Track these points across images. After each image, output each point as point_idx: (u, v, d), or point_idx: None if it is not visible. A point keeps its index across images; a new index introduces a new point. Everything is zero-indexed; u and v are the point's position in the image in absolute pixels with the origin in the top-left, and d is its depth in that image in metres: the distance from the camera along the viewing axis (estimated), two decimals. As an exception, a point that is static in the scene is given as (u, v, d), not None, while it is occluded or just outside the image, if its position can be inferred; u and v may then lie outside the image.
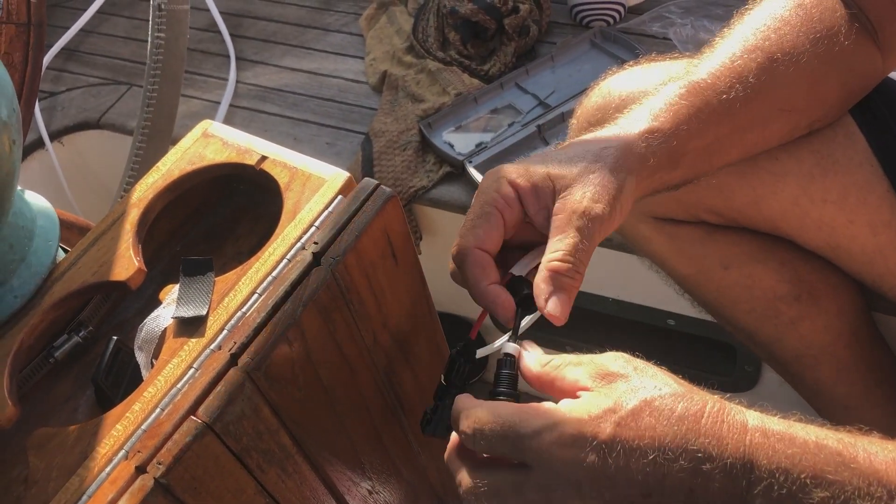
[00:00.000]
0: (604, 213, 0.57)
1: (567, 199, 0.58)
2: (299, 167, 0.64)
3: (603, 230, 0.58)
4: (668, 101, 0.64)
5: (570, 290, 0.56)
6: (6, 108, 0.54)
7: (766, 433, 0.46)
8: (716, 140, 0.67)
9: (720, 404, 0.48)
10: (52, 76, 1.66)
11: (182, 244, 0.71)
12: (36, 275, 0.60)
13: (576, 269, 0.56)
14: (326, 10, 1.72)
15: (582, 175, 0.58)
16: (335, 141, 1.42)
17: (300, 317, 0.55)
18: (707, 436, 0.46)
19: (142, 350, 0.56)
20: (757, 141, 0.71)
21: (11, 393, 0.55)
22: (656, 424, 0.46)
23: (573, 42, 1.43)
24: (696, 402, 0.47)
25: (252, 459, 0.54)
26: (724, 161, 0.70)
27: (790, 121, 0.72)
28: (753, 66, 0.67)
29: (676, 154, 0.64)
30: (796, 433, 0.47)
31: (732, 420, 0.47)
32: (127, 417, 0.51)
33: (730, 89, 0.66)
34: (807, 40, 0.68)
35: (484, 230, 0.58)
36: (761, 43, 0.68)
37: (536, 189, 0.59)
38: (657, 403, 0.47)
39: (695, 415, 0.47)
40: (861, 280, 0.84)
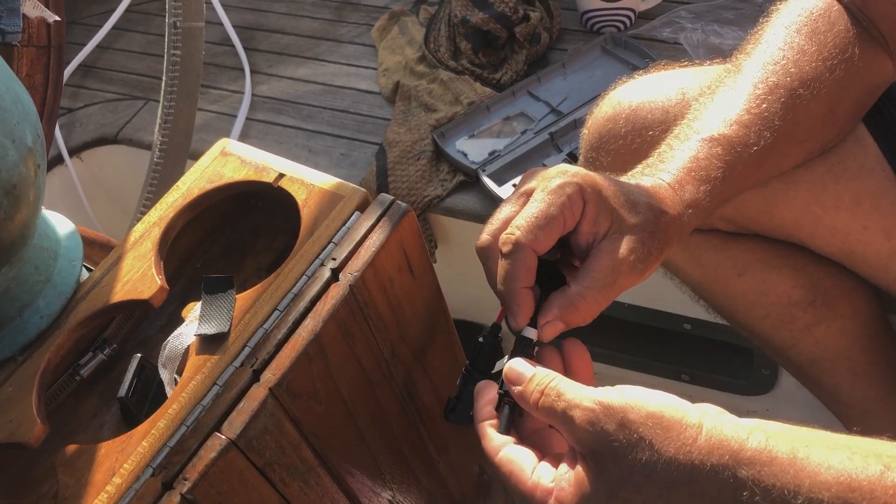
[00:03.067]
0: (638, 272, 0.58)
1: (619, 243, 0.58)
2: (316, 184, 0.65)
3: (627, 286, 0.59)
4: (707, 167, 0.64)
5: (571, 324, 0.58)
6: (31, 134, 0.55)
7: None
8: (737, 191, 0.67)
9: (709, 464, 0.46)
10: (70, 92, 1.69)
11: (202, 261, 0.72)
12: (61, 295, 0.61)
13: (592, 314, 0.58)
14: (339, 22, 1.74)
15: (638, 229, 0.58)
16: (350, 152, 1.44)
17: (320, 332, 0.56)
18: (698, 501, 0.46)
19: (166, 367, 0.58)
20: (771, 172, 0.71)
21: (40, 411, 0.56)
22: (649, 500, 0.47)
23: (584, 49, 1.43)
24: (681, 473, 0.46)
25: (275, 473, 0.55)
26: (741, 191, 0.70)
27: (805, 150, 0.72)
28: (778, 108, 0.67)
29: (708, 217, 0.65)
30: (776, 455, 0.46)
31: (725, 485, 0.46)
32: (153, 434, 0.53)
33: (759, 139, 0.66)
34: (825, 69, 0.68)
35: (545, 233, 0.57)
36: (782, 79, 0.68)
37: (599, 213, 0.58)
38: (644, 490, 0.47)
39: (685, 488, 0.46)
40: (876, 284, 0.84)
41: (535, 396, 0.52)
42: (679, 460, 0.46)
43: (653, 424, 0.47)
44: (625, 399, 0.48)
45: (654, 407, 0.47)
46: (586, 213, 0.58)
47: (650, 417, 0.47)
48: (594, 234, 0.58)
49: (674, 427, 0.47)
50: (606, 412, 0.48)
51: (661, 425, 0.47)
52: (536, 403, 0.52)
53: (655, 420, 0.47)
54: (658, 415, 0.47)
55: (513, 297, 0.57)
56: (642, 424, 0.47)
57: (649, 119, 0.78)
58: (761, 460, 0.45)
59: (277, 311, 0.57)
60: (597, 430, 0.48)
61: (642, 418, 0.47)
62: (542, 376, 0.53)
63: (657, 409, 0.47)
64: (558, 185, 0.57)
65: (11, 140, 0.53)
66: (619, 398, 0.48)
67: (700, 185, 0.63)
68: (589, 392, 0.50)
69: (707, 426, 0.46)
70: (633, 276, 0.58)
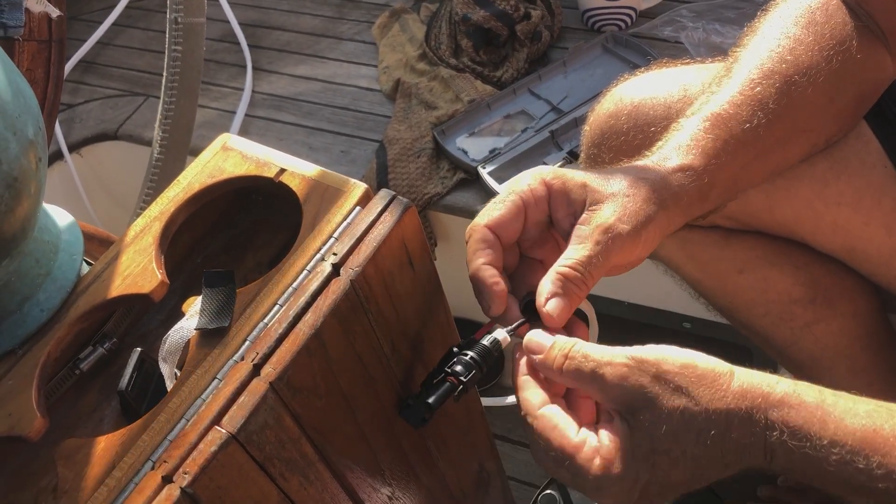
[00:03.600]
0: (627, 235, 0.57)
1: (595, 212, 0.58)
2: (317, 179, 0.65)
3: (623, 252, 0.58)
4: (694, 137, 0.64)
5: (572, 297, 0.56)
6: (32, 127, 0.55)
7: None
8: (741, 168, 0.67)
9: (743, 410, 0.48)
10: (70, 88, 1.69)
11: (203, 256, 0.72)
12: (61, 289, 0.61)
13: (584, 280, 0.56)
14: (340, 19, 1.74)
15: (616, 195, 0.59)
16: (350, 149, 1.44)
17: (321, 327, 0.56)
18: (733, 451, 0.48)
19: (166, 361, 0.58)
20: (779, 163, 0.71)
21: (40, 405, 0.56)
22: (685, 450, 0.49)
23: (585, 47, 1.43)
24: (716, 418, 0.48)
25: (275, 468, 0.55)
26: (751, 185, 0.70)
27: (809, 140, 0.72)
28: (773, 92, 0.67)
29: (705, 189, 0.64)
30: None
31: (756, 427, 0.48)
32: (153, 428, 0.53)
33: (752, 117, 0.66)
34: (822, 58, 0.68)
35: (501, 212, 0.58)
36: (777, 66, 0.68)
37: (569, 195, 0.59)
38: (682, 436, 0.48)
39: (720, 434, 0.48)
40: (877, 282, 0.84)
41: (559, 361, 0.52)
42: (714, 406, 0.48)
43: (688, 373, 0.49)
44: (657, 352, 0.50)
45: (687, 358, 0.49)
46: (553, 199, 0.59)
47: (684, 367, 0.49)
48: (572, 214, 0.59)
49: (707, 375, 0.49)
50: (640, 365, 0.49)
51: (695, 373, 0.49)
52: (561, 368, 0.52)
53: (689, 369, 0.49)
54: (691, 364, 0.49)
55: (474, 274, 0.57)
56: (677, 374, 0.49)
57: (651, 115, 0.78)
58: (790, 402, 0.48)
59: (278, 306, 0.57)
60: (631, 383, 0.49)
61: (677, 368, 0.49)
62: (563, 342, 0.53)
63: (689, 359, 0.49)
64: (517, 178, 0.60)
65: (13, 132, 0.53)
66: (651, 352, 0.50)
67: (688, 152, 0.63)
68: (617, 349, 0.50)
69: (738, 372, 0.49)
70: (624, 240, 0.57)
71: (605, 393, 0.50)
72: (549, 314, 0.56)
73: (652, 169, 0.62)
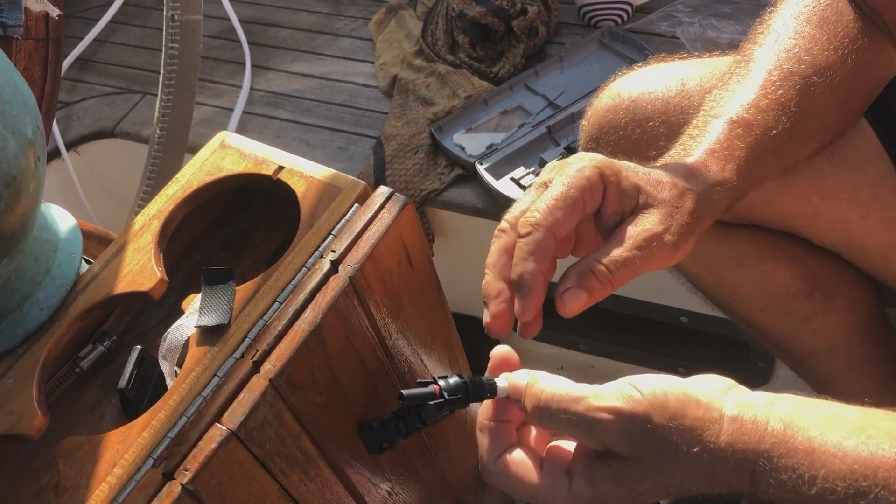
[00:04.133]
0: (670, 246, 0.57)
1: (646, 216, 0.57)
2: (316, 176, 0.65)
3: (660, 262, 0.57)
4: (729, 147, 0.64)
5: (594, 293, 0.55)
6: (31, 126, 0.55)
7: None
8: (760, 171, 0.67)
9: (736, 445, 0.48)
10: (68, 86, 1.69)
11: (202, 253, 0.72)
12: (61, 287, 0.62)
13: (611, 282, 0.55)
14: (336, 16, 1.74)
15: (666, 203, 0.58)
16: (347, 145, 1.44)
17: (320, 324, 0.56)
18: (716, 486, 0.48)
19: (166, 359, 0.58)
20: (790, 163, 0.71)
21: (40, 402, 0.56)
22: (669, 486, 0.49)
23: (582, 42, 1.43)
24: (708, 457, 0.48)
25: (275, 464, 0.55)
26: (764, 181, 0.70)
27: (819, 139, 0.72)
28: (794, 94, 0.67)
29: (736, 200, 0.64)
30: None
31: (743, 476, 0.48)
32: (153, 425, 0.53)
33: (777, 123, 0.66)
34: (837, 57, 0.68)
35: (565, 214, 0.55)
36: (796, 67, 0.67)
37: (623, 193, 0.57)
38: (662, 485, 0.48)
39: (710, 471, 0.48)
40: (874, 275, 0.84)
41: (539, 405, 0.51)
42: (703, 459, 0.47)
43: (676, 426, 0.47)
44: (646, 401, 0.48)
45: (675, 406, 0.48)
46: (608, 194, 0.57)
47: (673, 419, 0.47)
48: (620, 213, 0.58)
49: (696, 427, 0.47)
50: (630, 420, 0.48)
51: (684, 426, 0.47)
52: (544, 410, 0.51)
53: (678, 421, 0.47)
54: (681, 415, 0.48)
55: (526, 278, 0.55)
56: (665, 428, 0.47)
57: (649, 110, 0.78)
58: (779, 452, 0.47)
59: (277, 303, 0.57)
60: (623, 433, 0.48)
61: (666, 421, 0.47)
62: (539, 386, 0.52)
63: (678, 408, 0.48)
64: (577, 170, 0.56)
65: (11, 132, 0.53)
66: (640, 402, 0.48)
67: (725, 163, 0.62)
68: (605, 398, 0.49)
69: (728, 417, 0.48)
70: (665, 250, 0.56)
71: (591, 436, 0.49)
72: (562, 304, 0.55)
73: (696, 180, 0.61)
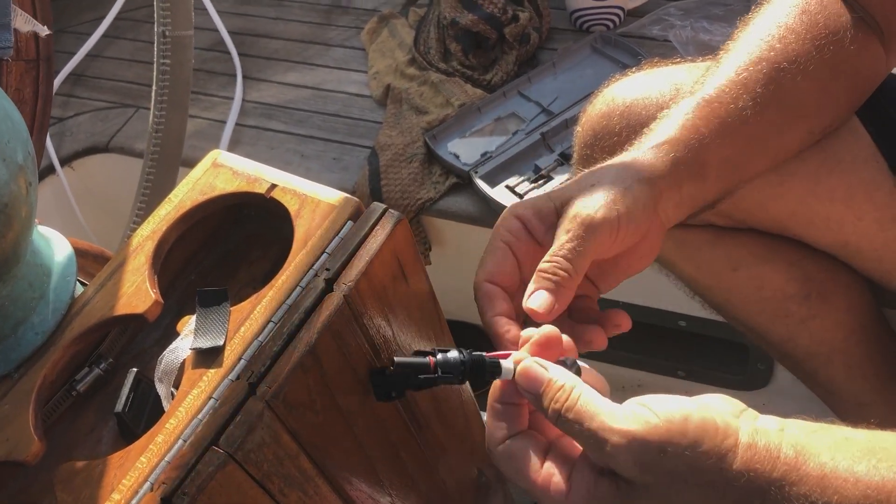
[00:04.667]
0: (597, 216, 0.58)
1: (566, 211, 0.60)
2: (309, 194, 0.65)
3: (602, 234, 0.58)
4: (678, 119, 0.66)
5: (559, 289, 0.57)
6: (21, 152, 0.55)
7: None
8: (736, 151, 0.67)
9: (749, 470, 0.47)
10: (60, 102, 1.69)
11: (196, 273, 0.72)
12: (56, 311, 0.61)
13: (564, 270, 0.57)
14: (328, 26, 1.74)
15: (581, 190, 0.61)
16: (342, 156, 1.44)
17: (315, 343, 0.56)
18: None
19: (162, 382, 0.58)
20: (778, 149, 0.71)
21: (37, 428, 0.56)
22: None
23: (574, 48, 1.44)
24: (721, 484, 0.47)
25: (274, 485, 0.55)
26: (754, 171, 0.70)
27: (806, 127, 0.72)
28: (760, 77, 0.67)
29: (696, 167, 0.64)
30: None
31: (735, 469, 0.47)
32: (150, 449, 0.53)
33: (737, 99, 0.66)
34: (812, 47, 0.69)
35: (491, 263, 0.61)
36: (766, 53, 0.68)
37: (539, 212, 0.61)
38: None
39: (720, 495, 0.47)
40: (870, 276, 0.84)
41: (554, 408, 0.51)
42: (715, 486, 0.46)
43: (692, 454, 0.46)
44: (663, 428, 0.47)
45: (694, 433, 0.47)
46: (529, 224, 0.61)
47: (691, 446, 0.47)
48: (550, 227, 0.61)
49: (713, 455, 0.46)
50: (643, 447, 0.47)
51: (700, 453, 0.46)
52: (557, 415, 0.50)
53: (695, 449, 0.47)
54: (699, 442, 0.47)
55: (488, 327, 0.60)
56: (681, 456, 0.47)
57: (644, 115, 0.78)
58: (791, 479, 0.46)
59: (272, 323, 0.57)
60: (634, 460, 0.47)
61: (682, 449, 0.47)
62: (558, 386, 0.51)
63: (697, 435, 0.47)
64: (496, 224, 0.63)
65: (2, 159, 0.53)
66: (657, 428, 0.47)
67: (668, 129, 0.65)
68: (620, 420, 0.48)
69: (742, 444, 0.47)
70: (603, 225, 0.58)
71: (600, 456, 0.48)
72: (531, 307, 0.57)
73: (625, 157, 0.63)
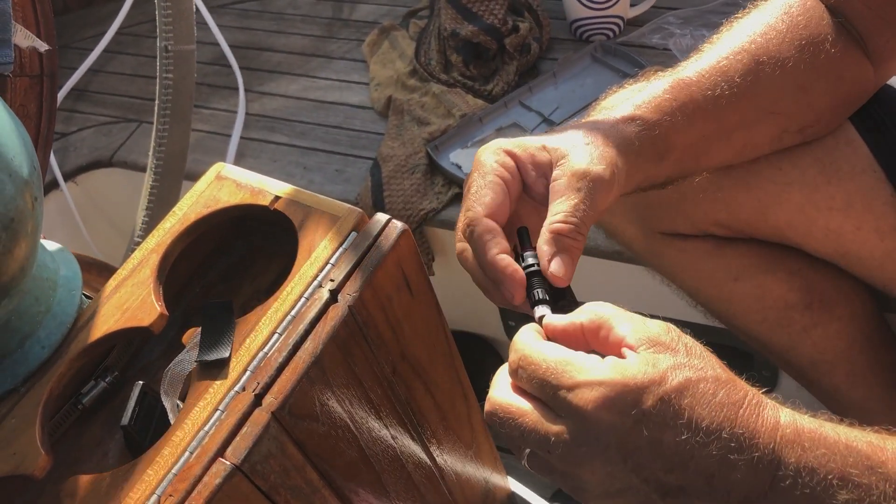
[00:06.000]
0: (606, 175, 0.58)
1: (565, 164, 0.59)
2: (312, 205, 0.65)
3: (606, 193, 0.58)
4: (652, 95, 0.66)
5: (572, 251, 0.56)
6: (27, 167, 0.56)
7: (797, 431, 0.47)
8: (702, 138, 0.68)
9: (758, 398, 0.48)
10: (63, 117, 1.69)
11: (201, 285, 0.72)
12: (61, 325, 0.62)
13: (578, 230, 0.56)
14: (329, 38, 1.75)
15: (577, 145, 0.60)
16: (344, 168, 1.44)
17: (320, 354, 0.56)
18: (741, 427, 0.46)
19: (168, 394, 0.58)
20: (745, 143, 0.72)
21: (44, 442, 0.56)
22: (696, 406, 0.46)
23: (574, 57, 1.44)
24: (737, 391, 0.47)
25: (280, 496, 0.55)
26: (714, 161, 0.71)
27: (777, 124, 0.73)
28: (739, 67, 0.69)
29: (661, 147, 0.65)
30: (826, 433, 0.47)
31: (767, 415, 0.47)
32: (157, 462, 0.53)
33: (714, 87, 0.67)
34: (792, 46, 0.70)
35: (492, 198, 0.58)
36: (747, 46, 0.70)
37: (534, 158, 0.60)
38: (701, 386, 0.46)
39: (733, 404, 0.46)
40: (871, 284, 0.84)
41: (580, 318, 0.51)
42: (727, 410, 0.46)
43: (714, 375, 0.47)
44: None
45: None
46: (522, 165, 0.60)
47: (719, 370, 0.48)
48: (542, 175, 0.60)
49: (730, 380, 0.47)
50: (679, 338, 0.49)
51: (721, 379, 0.47)
52: (582, 323, 0.51)
53: (719, 372, 0.47)
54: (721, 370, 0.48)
55: (492, 266, 0.56)
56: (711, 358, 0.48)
57: None
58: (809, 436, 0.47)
59: (277, 335, 0.57)
60: (671, 336, 0.48)
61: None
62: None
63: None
64: (483, 159, 0.60)
65: (8, 174, 0.54)
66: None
67: (641, 104, 0.65)
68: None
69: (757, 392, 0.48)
70: (605, 181, 0.58)
71: (633, 330, 0.49)
72: (556, 275, 0.55)
73: (602, 120, 0.63)
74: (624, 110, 0.64)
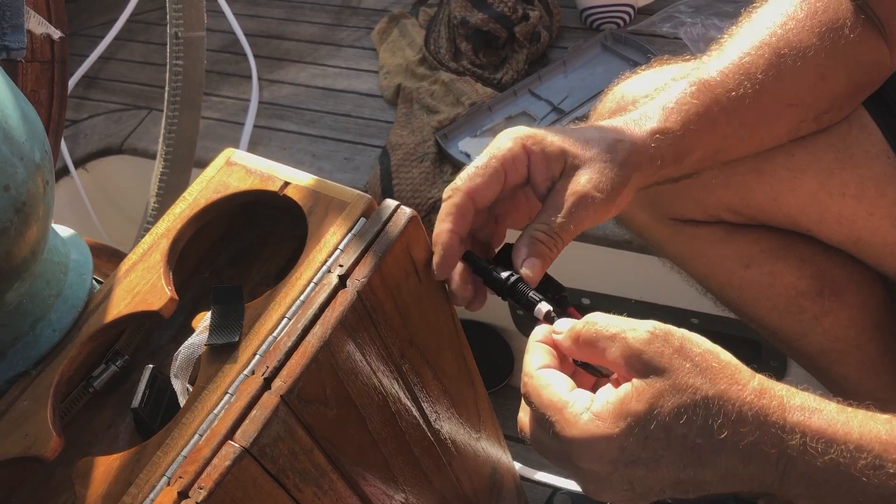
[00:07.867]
0: (601, 203, 0.60)
1: (575, 178, 0.60)
2: (321, 191, 0.65)
3: (595, 217, 0.60)
4: (678, 100, 0.66)
5: (545, 258, 0.59)
6: (39, 151, 0.56)
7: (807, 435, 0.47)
8: (723, 138, 0.68)
9: (758, 402, 0.47)
10: (74, 104, 1.70)
11: (210, 270, 0.72)
12: (73, 308, 0.62)
13: (555, 244, 0.59)
14: (339, 26, 1.74)
15: (594, 160, 0.61)
16: (353, 156, 1.44)
17: (329, 339, 0.56)
18: (740, 453, 0.47)
19: (178, 378, 0.58)
20: (764, 137, 0.72)
21: (55, 424, 0.57)
22: (687, 434, 0.47)
23: (584, 46, 1.44)
24: (729, 407, 0.47)
25: (289, 480, 0.55)
26: (732, 157, 0.71)
27: (797, 115, 0.73)
28: (761, 63, 0.68)
29: (682, 152, 0.65)
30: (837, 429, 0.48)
31: (772, 427, 0.47)
32: (167, 444, 0.53)
33: (738, 86, 0.67)
34: (812, 34, 0.69)
35: (482, 180, 0.60)
36: (768, 39, 0.69)
37: (549, 159, 0.61)
38: (688, 415, 0.47)
39: (730, 424, 0.47)
40: (883, 272, 0.84)
41: (578, 326, 0.53)
42: (729, 395, 0.47)
43: (709, 358, 0.48)
44: (683, 331, 0.49)
45: (711, 345, 0.49)
46: (533, 163, 0.61)
47: (707, 352, 0.48)
48: (550, 178, 0.61)
49: (728, 366, 0.48)
50: (665, 337, 0.49)
51: (717, 360, 0.48)
52: (580, 333, 0.52)
53: (712, 356, 0.48)
54: (714, 353, 0.49)
55: (437, 242, 0.60)
56: (699, 355, 0.48)
57: None
58: (810, 407, 0.47)
59: (286, 319, 0.57)
60: (653, 349, 0.48)
61: (700, 350, 0.48)
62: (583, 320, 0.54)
63: (713, 347, 0.49)
64: (500, 143, 0.61)
65: (20, 158, 0.54)
66: (677, 330, 0.49)
67: (669, 115, 0.65)
68: (641, 322, 0.50)
69: (758, 376, 0.49)
70: (597, 206, 0.60)
71: (623, 355, 0.49)
72: (527, 275, 0.59)
73: (629, 132, 0.63)
74: (653, 121, 0.64)
